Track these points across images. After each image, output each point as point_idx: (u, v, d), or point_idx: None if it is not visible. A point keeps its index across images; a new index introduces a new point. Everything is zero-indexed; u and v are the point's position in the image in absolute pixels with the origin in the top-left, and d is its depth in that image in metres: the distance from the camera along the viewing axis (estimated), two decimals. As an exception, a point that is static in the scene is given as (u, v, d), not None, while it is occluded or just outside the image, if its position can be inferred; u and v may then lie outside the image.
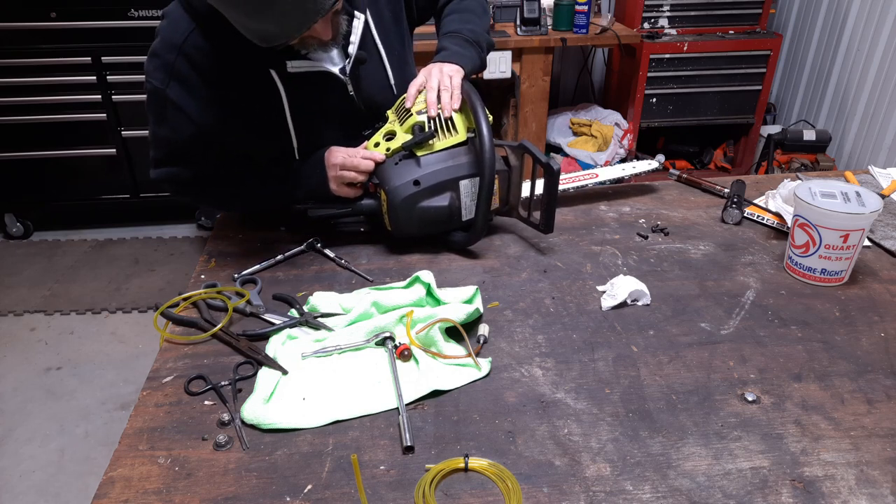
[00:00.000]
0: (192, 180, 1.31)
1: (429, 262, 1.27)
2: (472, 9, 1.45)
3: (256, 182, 1.32)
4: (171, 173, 1.30)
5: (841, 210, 1.13)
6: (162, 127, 1.24)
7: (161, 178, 1.31)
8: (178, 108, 1.20)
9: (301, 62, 1.22)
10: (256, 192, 1.34)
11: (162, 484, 0.81)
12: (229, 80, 1.21)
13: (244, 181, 1.33)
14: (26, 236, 3.28)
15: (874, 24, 2.92)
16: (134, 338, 2.62)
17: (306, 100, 1.26)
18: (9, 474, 2.03)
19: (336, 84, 1.28)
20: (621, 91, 3.53)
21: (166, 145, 1.27)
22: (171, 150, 1.27)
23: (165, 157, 1.29)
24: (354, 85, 1.30)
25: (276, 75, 1.22)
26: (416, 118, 1.22)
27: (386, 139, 1.26)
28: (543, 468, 0.83)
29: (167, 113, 1.21)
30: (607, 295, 1.15)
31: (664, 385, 0.97)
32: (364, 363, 1.01)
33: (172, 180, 1.31)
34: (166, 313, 1.11)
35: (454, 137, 1.23)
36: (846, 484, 0.81)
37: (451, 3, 1.47)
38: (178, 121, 1.21)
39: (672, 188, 1.58)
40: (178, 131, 1.23)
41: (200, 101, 1.20)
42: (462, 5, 1.45)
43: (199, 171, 1.30)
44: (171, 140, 1.25)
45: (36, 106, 2.95)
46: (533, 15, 3.01)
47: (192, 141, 1.24)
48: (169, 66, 1.18)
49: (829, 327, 1.09)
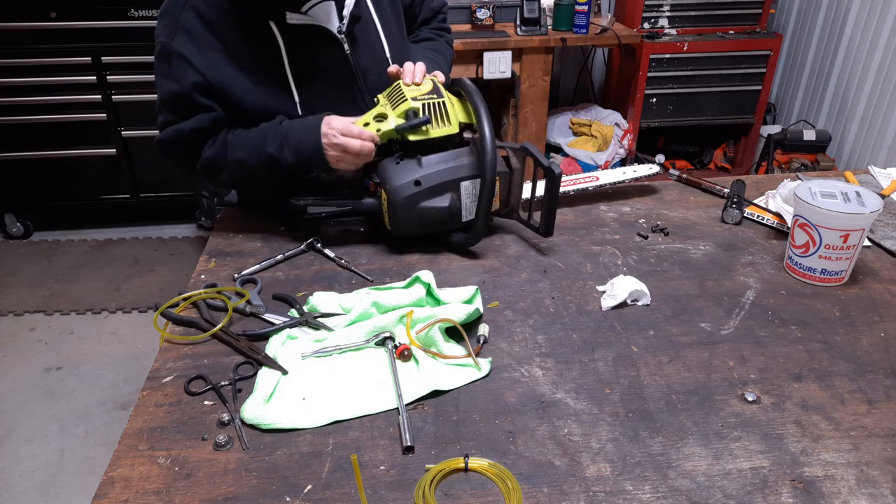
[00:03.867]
0: (193, 140, 1.30)
1: (429, 262, 1.27)
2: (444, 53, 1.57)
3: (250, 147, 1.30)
4: (175, 131, 1.29)
5: (841, 210, 1.13)
6: (168, 82, 1.27)
7: (165, 138, 1.31)
8: (183, 57, 1.24)
9: (300, 16, 1.29)
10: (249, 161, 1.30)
11: (162, 484, 0.81)
12: (232, 30, 1.26)
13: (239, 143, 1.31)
14: (26, 236, 3.29)
15: (874, 24, 2.92)
16: (134, 338, 2.62)
17: (304, 54, 1.32)
18: (9, 474, 2.04)
19: (333, 44, 1.35)
20: (621, 91, 3.53)
21: (171, 102, 1.28)
22: (175, 106, 1.28)
23: (170, 115, 1.30)
24: (351, 47, 1.36)
25: (275, 27, 1.28)
26: (410, 104, 1.21)
27: (376, 120, 1.24)
28: (543, 468, 0.83)
29: (172, 64, 1.25)
30: (607, 295, 1.15)
31: (664, 385, 0.97)
32: (364, 363, 1.01)
33: (176, 140, 1.30)
34: (166, 313, 1.12)
35: (447, 128, 1.23)
36: (846, 484, 0.81)
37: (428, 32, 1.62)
38: (182, 71, 1.24)
39: (672, 188, 1.58)
40: (182, 82, 1.25)
41: (204, 50, 1.25)
42: (435, 45, 1.58)
43: (200, 128, 1.29)
44: (175, 94, 1.26)
45: (36, 106, 2.96)
46: (533, 15, 3.02)
47: (195, 92, 1.25)
48: (175, 19, 1.24)
49: (829, 327, 1.09)
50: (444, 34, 1.65)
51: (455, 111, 1.25)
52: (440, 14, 1.66)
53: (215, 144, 1.31)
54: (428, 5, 1.62)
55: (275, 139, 1.26)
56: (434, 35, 1.63)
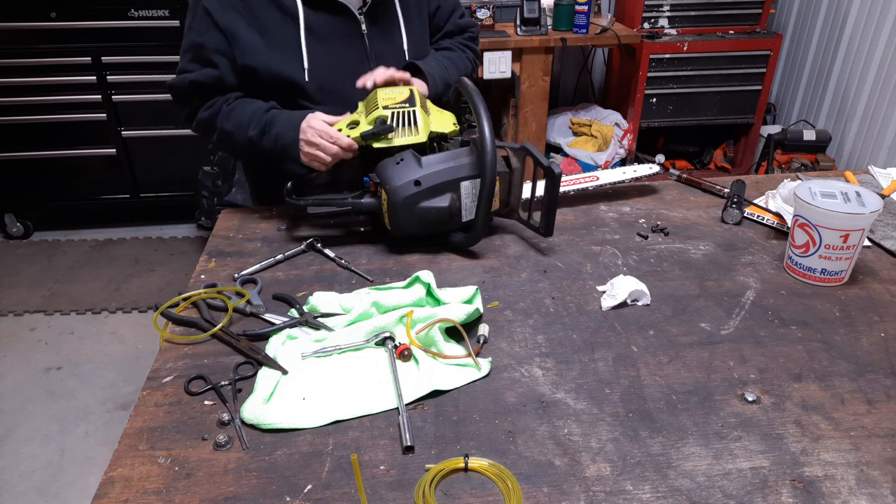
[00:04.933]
0: (191, 92, 1.38)
1: (429, 262, 1.27)
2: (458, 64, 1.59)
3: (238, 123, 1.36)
4: (180, 79, 1.38)
5: (841, 210, 1.13)
6: (190, 31, 1.37)
7: (171, 83, 1.40)
8: (207, 12, 1.33)
9: None
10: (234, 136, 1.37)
11: (162, 484, 0.81)
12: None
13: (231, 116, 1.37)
14: (26, 236, 3.29)
15: (874, 24, 2.92)
16: (134, 338, 2.62)
17: (321, 25, 1.37)
18: (9, 474, 2.04)
19: (352, 21, 1.40)
20: (621, 91, 3.53)
21: (188, 49, 1.37)
22: (189, 55, 1.38)
23: (184, 63, 1.38)
24: (368, 28, 1.41)
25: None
26: (381, 111, 1.23)
27: (349, 127, 1.27)
28: (543, 468, 0.83)
29: (197, 17, 1.35)
30: (607, 295, 1.15)
31: (664, 385, 0.97)
32: (364, 363, 1.01)
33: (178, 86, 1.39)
34: (166, 313, 1.12)
35: (413, 137, 1.24)
36: (846, 484, 0.81)
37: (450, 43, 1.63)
38: (204, 24, 1.34)
39: (672, 188, 1.58)
40: (202, 34, 1.34)
41: (226, 8, 1.33)
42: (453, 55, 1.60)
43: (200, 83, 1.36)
44: (192, 43, 1.36)
45: (36, 106, 2.96)
46: (533, 15, 3.01)
47: (208, 46, 1.34)
48: None
49: (829, 327, 1.09)
50: (467, 50, 1.65)
51: (427, 121, 1.25)
52: (468, 32, 1.67)
53: (212, 108, 1.38)
54: (454, 20, 1.64)
55: (259, 124, 1.33)
56: (456, 47, 1.63)
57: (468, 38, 1.67)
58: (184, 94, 1.39)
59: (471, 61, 1.65)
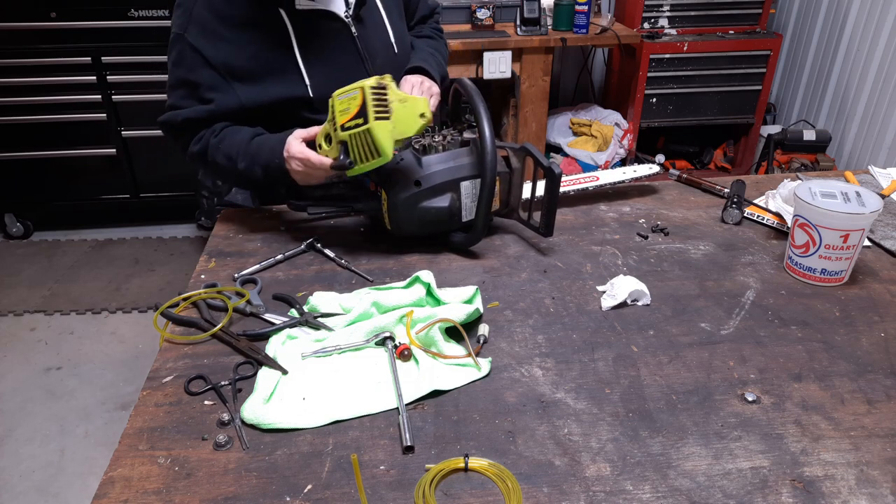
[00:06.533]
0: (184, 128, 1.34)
1: (429, 262, 1.27)
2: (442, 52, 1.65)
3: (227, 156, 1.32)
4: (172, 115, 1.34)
5: (841, 210, 1.13)
6: (177, 69, 1.32)
7: (164, 119, 1.36)
8: (195, 50, 1.29)
9: (308, 2, 1.34)
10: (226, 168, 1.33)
11: (162, 484, 0.81)
12: (243, 19, 1.30)
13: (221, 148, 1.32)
14: (26, 236, 3.29)
15: (874, 24, 2.92)
16: (134, 338, 2.62)
17: (314, 39, 1.36)
18: (9, 474, 2.04)
19: (341, 27, 1.40)
20: (621, 91, 3.53)
21: (178, 86, 1.34)
22: (180, 92, 1.34)
23: (174, 99, 1.35)
24: (358, 31, 1.41)
25: (285, 14, 1.32)
26: (340, 134, 1.12)
27: (327, 141, 1.19)
28: (543, 468, 0.83)
29: (185, 54, 1.30)
30: (607, 295, 1.15)
31: (664, 385, 0.97)
32: (364, 363, 1.01)
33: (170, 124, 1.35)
34: (166, 313, 1.12)
35: (375, 161, 1.12)
36: (846, 484, 0.81)
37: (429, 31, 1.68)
38: (194, 62, 1.30)
39: (672, 188, 1.58)
40: (192, 71, 1.30)
41: (216, 43, 1.29)
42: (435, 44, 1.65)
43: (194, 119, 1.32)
44: (182, 80, 1.32)
45: (36, 106, 2.95)
46: (533, 15, 3.01)
47: (202, 85, 1.31)
48: (188, 11, 1.29)
49: (829, 327, 1.09)
50: (441, 36, 1.72)
51: (388, 132, 1.11)
52: (436, 14, 1.73)
53: (201, 142, 1.35)
54: (425, 2, 1.68)
55: (245, 156, 1.30)
56: (434, 34, 1.69)
57: (436, 21, 1.73)
58: (175, 129, 1.36)
59: (446, 45, 1.71)
